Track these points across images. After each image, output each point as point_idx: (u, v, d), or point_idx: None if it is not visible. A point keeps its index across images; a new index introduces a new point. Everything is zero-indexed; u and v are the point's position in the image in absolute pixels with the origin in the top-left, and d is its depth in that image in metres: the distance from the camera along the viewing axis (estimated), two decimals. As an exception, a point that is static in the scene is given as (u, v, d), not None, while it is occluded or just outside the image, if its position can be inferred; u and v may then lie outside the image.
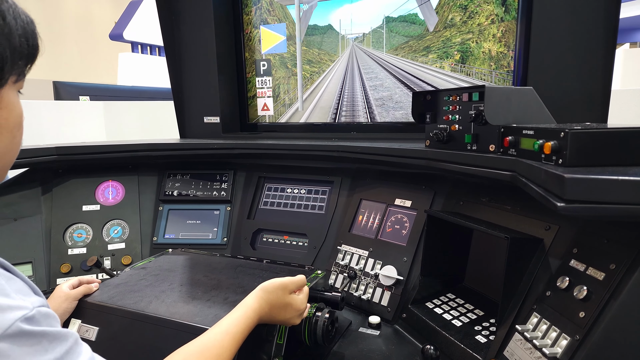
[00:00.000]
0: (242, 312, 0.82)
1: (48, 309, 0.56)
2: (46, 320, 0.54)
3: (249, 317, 0.82)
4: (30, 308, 0.52)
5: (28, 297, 0.55)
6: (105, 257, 1.49)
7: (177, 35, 1.88)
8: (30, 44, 0.60)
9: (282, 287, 0.89)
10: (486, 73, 1.49)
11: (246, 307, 0.84)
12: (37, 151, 1.44)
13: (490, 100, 0.93)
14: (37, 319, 0.53)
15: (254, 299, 0.86)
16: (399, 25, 1.64)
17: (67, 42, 7.93)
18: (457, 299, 1.14)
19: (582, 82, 1.27)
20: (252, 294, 0.87)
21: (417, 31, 1.60)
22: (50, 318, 0.55)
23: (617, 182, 0.57)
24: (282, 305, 0.88)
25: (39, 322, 0.53)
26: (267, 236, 1.57)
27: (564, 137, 0.69)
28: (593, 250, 0.77)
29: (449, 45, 1.55)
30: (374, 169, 1.45)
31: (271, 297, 0.87)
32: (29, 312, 0.52)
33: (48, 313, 0.55)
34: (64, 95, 2.90)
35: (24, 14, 0.59)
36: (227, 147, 1.60)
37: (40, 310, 0.54)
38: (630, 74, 4.88)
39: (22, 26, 0.58)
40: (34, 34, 0.61)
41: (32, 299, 0.54)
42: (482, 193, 1.12)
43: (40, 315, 0.53)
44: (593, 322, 0.69)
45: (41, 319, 0.53)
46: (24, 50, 0.59)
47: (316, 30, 1.79)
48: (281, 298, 0.88)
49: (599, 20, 1.22)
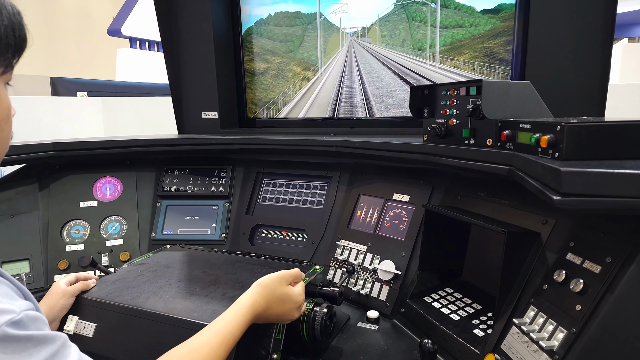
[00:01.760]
0: (235, 311, 0.81)
1: (36, 313, 0.55)
2: (34, 323, 0.53)
3: (242, 315, 0.81)
4: (18, 312, 0.51)
5: (15, 300, 0.54)
6: (103, 254, 1.49)
7: (174, 30, 1.87)
8: (17, 35, 0.59)
9: (279, 279, 0.89)
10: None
11: (239, 305, 0.83)
12: (33, 147, 1.43)
13: (487, 95, 0.92)
14: (24, 322, 0.52)
15: (249, 296, 0.85)
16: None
17: (65, 38, 7.89)
18: (455, 293, 1.14)
19: (579, 76, 1.27)
20: (248, 291, 0.86)
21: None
22: (38, 321, 0.54)
23: (613, 175, 0.57)
24: (280, 298, 0.88)
25: (27, 326, 0.52)
26: (266, 232, 1.57)
27: (560, 131, 0.69)
28: (589, 244, 0.77)
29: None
30: (373, 164, 1.45)
31: (268, 290, 0.86)
32: (16, 316, 0.51)
33: (36, 317, 0.54)
34: (61, 91, 2.89)
35: (10, 5, 0.58)
36: (226, 143, 1.59)
37: (28, 314, 0.53)
38: (629, 68, 4.87)
39: (8, 17, 0.57)
40: (20, 25, 0.60)
41: (20, 303, 0.54)
42: (480, 187, 1.12)
43: (28, 319, 0.52)
44: (589, 315, 0.69)
45: (29, 323, 0.52)
46: (10, 42, 0.58)
47: (298, 20, 1.78)
48: (278, 289, 0.88)
49: (596, 15, 1.22)
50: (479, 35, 1.49)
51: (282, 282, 0.90)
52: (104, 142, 1.56)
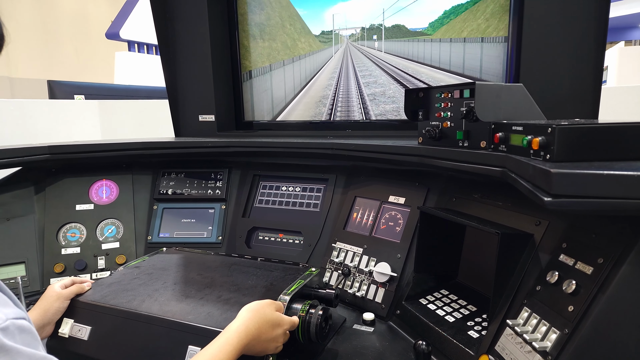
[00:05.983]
0: (224, 340, 0.79)
1: (24, 322, 0.54)
2: (20, 334, 0.52)
3: (231, 345, 0.78)
4: (4, 319, 0.51)
5: (4, 307, 0.53)
6: (99, 257, 1.49)
7: (171, 33, 1.88)
8: None
9: (269, 303, 0.90)
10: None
11: (229, 334, 0.81)
12: (29, 150, 1.43)
13: (480, 97, 0.93)
14: (10, 330, 0.51)
15: (239, 322, 0.83)
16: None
17: (62, 41, 7.90)
18: (450, 295, 1.14)
19: (572, 78, 1.28)
20: (237, 317, 0.85)
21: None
22: (25, 333, 0.53)
23: (603, 176, 0.57)
24: (270, 322, 0.87)
25: (13, 335, 0.51)
26: (262, 234, 1.57)
27: (551, 133, 0.69)
28: (582, 245, 0.77)
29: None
30: (368, 167, 1.45)
31: (258, 315, 0.85)
32: (2, 323, 0.50)
33: (23, 327, 0.53)
34: (58, 94, 2.89)
35: None
36: (222, 146, 1.60)
37: (14, 322, 0.52)
38: (626, 71, 4.89)
39: None
40: None
41: (7, 310, 0.53)
42: (474, 189, 1.12)
43: (15, 328, 0.51)
44: (582, 315, 0.70)
45: (15, 332, 0.51)
46: None
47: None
48: (269, 314, 0.87)
49: (589, 18, 1.23)
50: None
51: (272, 306, 0.90)
52: (100, 145, 1.57)
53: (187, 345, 0.86)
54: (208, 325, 0.88)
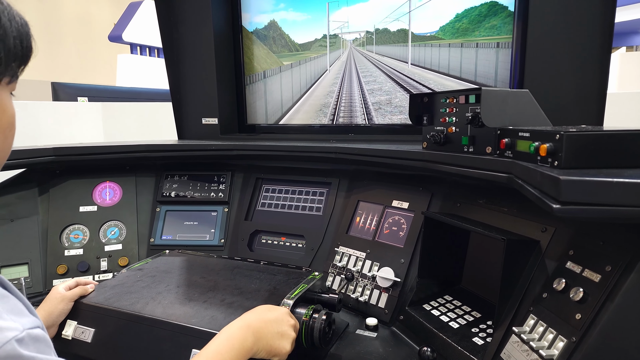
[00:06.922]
0: (229, 333, 0.80)
1: (39, 331, 0.54)
2: (34, 344, 0.52)
3: (236, 339, 0.80)
4: (20, 330, 0.51)
5: (20, 317, 0.53)
6: (102, 259, 1.49)
7: (175, 36, 1.88)
8: (24, 46, 0.60)
9: (267, 305, 0.90)
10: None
11: (231, 327, 0.82)
12: (34, 152, 1.43)
13: (486, 103, 0.93)
14: (26, 341, 0.51)
15: (239, 319, 0.84)
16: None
17: (65, 43, 7.92)
18: (455, 301, 1.14)
19: (578, 85, 1.28)
20: (236, 320, 0.85)
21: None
22: (39, 342, 0.53)
23: (612, 184, 0.57)
24: (273, 318, 0.87)
25: (27, 345, 0.51)
26: (265, 238, 1.57)
27: (559, 140, 0.69)
28: (589, 252, 0.77)
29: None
30: (372, 171, 1.45)
31: (257, 311, 0.87)
32: (19, 335, 0.50)
33: (37, 336, 0.53)
34: (62, 96, 2.90)
35: (19, 16, 0.60)
36: (225, 149, 1.60)
37: (30, 332, 0.52)
38: (627, 77, 4.90)
39: (17, 28, 0.58)
40: (27, 35, 0.61)
41: (24, 320, 0.53)
42: (479, 195, 1.12)
43: (30, 339, 0.51)
44: (589, 324, 0.69)
45: (30, 342, 0.51)
46: (18, 52, 0.59)
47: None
48: (271, 312, 0.88)
49: (595, 24, 1.23)
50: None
51: (271, 307, 0.91)
52: (104, 147, 1.57)
53: (191, 349, 0.86)
54: (212, 328, 0.87)
